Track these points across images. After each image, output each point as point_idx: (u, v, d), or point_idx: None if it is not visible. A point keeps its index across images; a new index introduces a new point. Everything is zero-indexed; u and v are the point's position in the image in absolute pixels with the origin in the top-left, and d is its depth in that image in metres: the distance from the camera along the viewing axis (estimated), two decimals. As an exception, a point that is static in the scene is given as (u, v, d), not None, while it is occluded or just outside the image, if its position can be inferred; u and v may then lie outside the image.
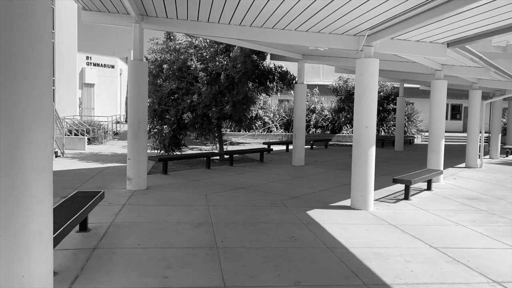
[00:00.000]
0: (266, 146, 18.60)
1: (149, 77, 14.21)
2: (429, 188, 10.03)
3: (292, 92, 25.98)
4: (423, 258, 5.13)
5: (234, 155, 15.12)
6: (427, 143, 26.68)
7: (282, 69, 15.04)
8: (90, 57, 29.76)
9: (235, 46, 13.23)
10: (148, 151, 15.74)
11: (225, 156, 14.53)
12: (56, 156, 14.40)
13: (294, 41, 8.12)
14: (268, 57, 14.59)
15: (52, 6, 24.28)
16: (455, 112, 36.37)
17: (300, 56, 13.39)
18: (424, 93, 32.16)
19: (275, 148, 19.55)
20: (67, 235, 5.00)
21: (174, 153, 14.53)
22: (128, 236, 5.57)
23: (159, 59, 14.23)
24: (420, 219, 7.16)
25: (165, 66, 13.69)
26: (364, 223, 6.73)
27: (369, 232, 6.19)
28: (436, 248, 5.57)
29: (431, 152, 11.23)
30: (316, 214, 7.12)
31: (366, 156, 7.62)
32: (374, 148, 7.68)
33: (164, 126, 14.13)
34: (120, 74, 34.47)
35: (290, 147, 19.17)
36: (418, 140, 27.99)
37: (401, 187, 9.99)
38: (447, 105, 35.08)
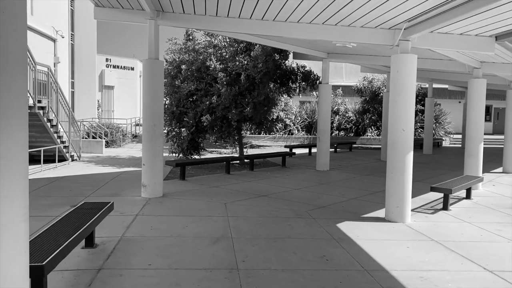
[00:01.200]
0: (287, 149, 17.92)
1: (167, 78, 13.72)
2: (468, 196, 9.16)
3: (314, 93, 25.20)
4: (480, 286, 4.36)
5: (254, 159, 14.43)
6: (456, 146, 25.53)
7: (305, 68, 14.33)
8: (110, 59, 29.60)
9: (255, 45, 12.60)
10: (166, 154, 15.26)
11: (245, 160, 13.89)
12: (72, 160, 14.03)
13: (321, 36, 7.42)
14: (291, 56, 13.92)
15: (71, 7, 24.18)
16: (486, 113, 34.88)
17: (325, 55, 12.66)
18: (452, 93, 30.93)
19: (297, 151, 18.83)
20: (70, 252, 4.44)
21: (193, 157, 13.99)
22: (138, 253, 4.97)
23: (177, 59, 13.71)
24: (466, 233, 6.35)
25: (183, 66, 13.15)
26: (403, 238, 5.97)
27: (410, 251, 5.43)
28: (492, 271, 4.78)
29: (469, 156, 10.33)
30: (348, 228, 6.40)
31: (403, 163, 6.85)
32: (411, 153, 6.91)
33: (182, 129, 13.59)
34: (140, 76, 34.30)
35: (313, 150, 18.44)
36: (446, 143, 26.83)
37: (437, 195, 9.16)
38: (476, 106, 33.60)
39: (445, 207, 8.00)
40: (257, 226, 6.29)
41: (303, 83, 14.13)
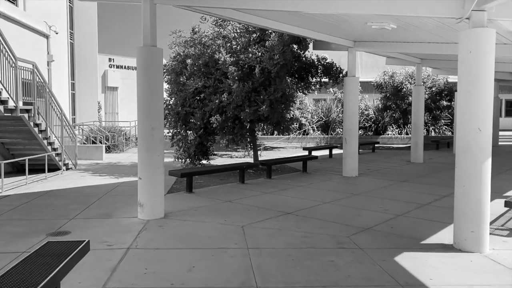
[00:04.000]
0: (306, 152, 16.26)
1: (171, 75, 12.15)
2: (540, 209, 7.43)
3: (331, 89, 23.55)
4: None
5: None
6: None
7: (326, 61, 12.64)
8: (113, 59, 28.09)
9: (270, 34, 10.96)
10: (171, 160, 13.68)
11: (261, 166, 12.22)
12: (67, 169, 12.49)
13: (363, 10, 5.75)
14: (310, 47, 12.24)
15: (71, 5, 22.76)
16: (510, 108, 32.94)
17: (351, 43, 10.96)
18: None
19: (316, 153, 17.11)
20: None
21: (201, 163, 12.39)
22: (121, 322, 3.35)
23: (182, 53, 12.12)
24: None
25: (188, 61, 11.55)
26: (496, 283, 4.26)
27: (518, 306, 3.74)
28: None
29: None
30: (412, 264, 4.71)
31: (480, 173, 5.15)
32: (490, 160, 5.22)
33: (189, 132, 11.99)
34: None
35: (334, 151, 16.73)
36: (473, 140, 24.89)
37: (500, 208, 7.44)
38: (501, 100, 31.67)
39: (522, 227, 6.29)
40: (288, 265, 4.63)
41: (325, 77, 12.45)
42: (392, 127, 23.68)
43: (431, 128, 23.55)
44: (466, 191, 5.24)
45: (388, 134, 23.51)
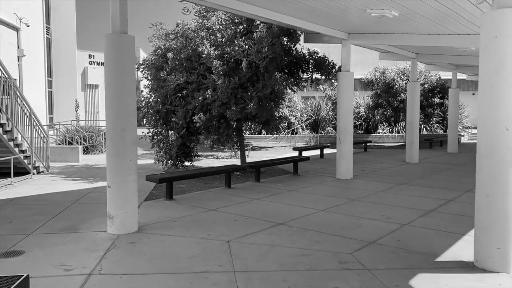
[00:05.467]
0: (296, 152, 15.46)
1: (151, 70, 11.24)
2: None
3: (321, 87, 22.82)
4: None
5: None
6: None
7: (318, 55, 11.84)
8: (93, 56, 26.93)
9: (258, 25, 10.11)
10: (151, 161, 12.75)
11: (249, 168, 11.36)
12: (38, 173, 11.48)
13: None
14: (301, 41, 11.42)
15: (47, -2, 21.60)
16: None
17: (345, 35, 10.18)
18: (470, 84, 28.50)
19: (306, 153, 16.33)
20: None
21: (183, 165, 11.49)
22: None
23: (162, 47, 11.20)
24: None
25: (169, 54, 10.64)
26: (537, 316, 3.50)
27: None
28: None
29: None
30: (432, 291, 3.92)
31: (506, 180, 4.39)
32: (518, 165, 4.45)
33: (170, 132, 11.08)
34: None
35: (325, 151, 15.96)
36: (464, 139, 24.44)
37: None
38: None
39: (544, 238, 5.55)
40: (284, 295, 3.80)
41: (317, 72, 11.64)
42: (383, 125, 23.06)
43: (422, 126, 22.97)
44: (491, 201, 4.46)
45: (379, 133, 22.88)
